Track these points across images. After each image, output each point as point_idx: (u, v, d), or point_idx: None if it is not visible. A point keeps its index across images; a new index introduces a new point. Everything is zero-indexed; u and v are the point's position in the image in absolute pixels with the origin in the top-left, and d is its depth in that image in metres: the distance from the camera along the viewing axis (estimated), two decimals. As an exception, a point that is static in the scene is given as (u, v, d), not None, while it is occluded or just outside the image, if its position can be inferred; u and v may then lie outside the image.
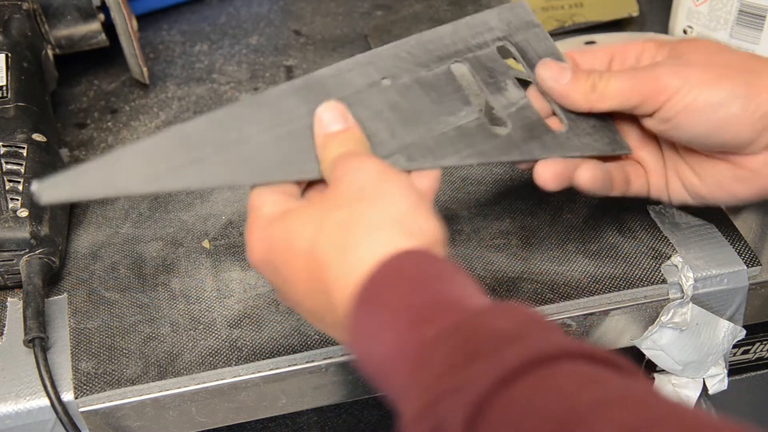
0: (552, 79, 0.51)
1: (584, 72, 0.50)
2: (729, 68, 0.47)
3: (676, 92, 0.47)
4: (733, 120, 0.47)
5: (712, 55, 0.48)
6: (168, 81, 0.80)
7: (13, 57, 0.65)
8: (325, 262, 0.40)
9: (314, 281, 0.41)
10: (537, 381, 0.32)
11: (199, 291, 0.57)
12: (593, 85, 0.50)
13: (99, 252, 0.61)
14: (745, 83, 0.46)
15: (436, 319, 0.37)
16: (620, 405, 0.30)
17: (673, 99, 0.47)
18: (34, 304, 0.53)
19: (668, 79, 0.47)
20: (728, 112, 0.47)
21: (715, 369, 0.59)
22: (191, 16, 0.90)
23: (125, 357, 0.53)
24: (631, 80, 0.48)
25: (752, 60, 0.49)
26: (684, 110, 0.47)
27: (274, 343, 0.54)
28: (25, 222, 0.55)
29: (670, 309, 0.56)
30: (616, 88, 0.49)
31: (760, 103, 0.46)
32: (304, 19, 0.89)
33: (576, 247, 0.59)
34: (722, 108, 0.47)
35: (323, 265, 0.40)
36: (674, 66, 0.48)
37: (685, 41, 0.51)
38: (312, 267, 0.41)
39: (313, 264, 0.41)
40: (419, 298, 0.38)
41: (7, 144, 0.59)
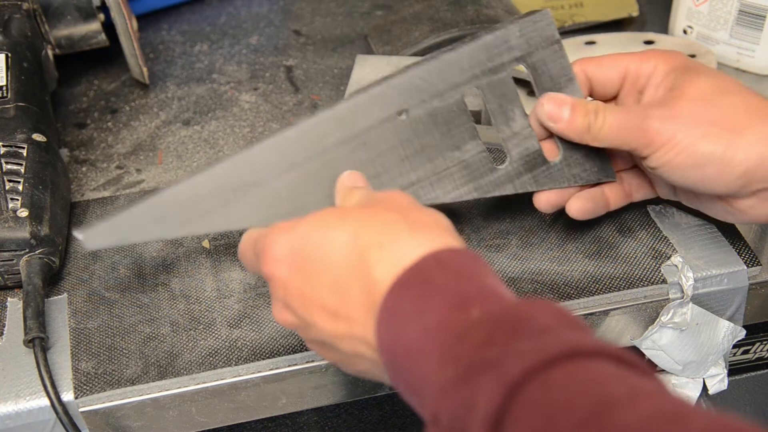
0: (550, 119, 0.53)
1: (582, 110, 0.52)
2: (715, 126, 0.49)
3: (660, 147, 0.50)
4: (710, 179, 0.50)
5: (706, 104, 0.49)
6: (168, 81, 0.80)
7: (13, 57, 0.65)
8: (370, 247, 0.41)
9: (349, 268, 0.42)
10: (575, 369, 0.33)
11: (199, 291, 0.57)
12: (588, 126, 0.52)
13: (99, 252, 0.61)
14: (725, 145, 0.48)
15: (482, 304, 0.38)
16: (653, 396, 0.31)
17: (659, 152, 0.50)
18: (34, 304, 0.53)
19: (654, 135, 0.49)
20: (705, 173, 0.49)
21: (715, 369, 0.59)
22: (191, 16, 0.90)
23: (125, 357, 0.53)
24: (621, 129, 0.51)
25: (743, 113, 0.49)
26: (668, 164, 0.50)
27: (274, 343, 0.54)
28: (25, 222, 0.55)
29: (670, 309, 0.56)
30: (608, 133, 0.51)
31: (735, 166, 0.49)
32: (304, 19, 0.89)
33: (576, 247, 0.59)
34: (700, 169, 0.49)
35: (366, 249, 0.41)
36: (663, 119, 0.50)
37: (692, 70, 0.51)
38: (350, 253, 0.42)
39: (353, 251, 0.42)
40: (465, 286, 0.39)
41: (7, 144, 0.59)
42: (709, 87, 0.50)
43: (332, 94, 0.77)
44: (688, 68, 0.52)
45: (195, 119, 0.74)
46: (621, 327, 0.57)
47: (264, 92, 0.78)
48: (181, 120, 0.74)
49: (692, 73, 0.51)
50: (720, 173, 0.49)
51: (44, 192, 0.58)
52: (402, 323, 0.39)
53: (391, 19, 0.83)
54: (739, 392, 0.69)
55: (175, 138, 0.72)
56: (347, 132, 0.52)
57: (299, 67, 0.81)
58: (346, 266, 0.42)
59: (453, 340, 0.37)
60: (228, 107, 0.76)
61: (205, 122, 0.74)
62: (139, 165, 0.69)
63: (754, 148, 0.48)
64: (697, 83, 0.50)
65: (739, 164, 0.48)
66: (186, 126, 0.74)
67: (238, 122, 0.74)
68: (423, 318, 0.38)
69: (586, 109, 0.52)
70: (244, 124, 0.74)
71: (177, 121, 0.74)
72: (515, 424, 0.32)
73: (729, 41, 0.76)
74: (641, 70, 0.53)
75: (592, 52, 0.78)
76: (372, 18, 0.88)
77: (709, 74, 0.51)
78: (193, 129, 0.73)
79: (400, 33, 0.80)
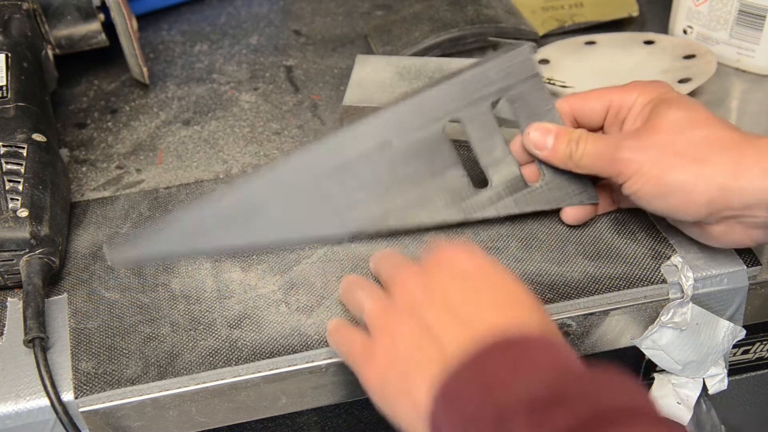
0: (536, 146, 0.57)
1: (565, 139, 0.56)
2: (680, 157, 0.51)
3: (630, 177, 0.52)
4: (676, 207, 0.52)
5: (675, 136, 0.52)
6: (168, 81, 0.80)
7: (13, 57, 0.65)
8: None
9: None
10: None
11: (199, 291, 0.57)
12: (570, 154, 0.56)
13: (99, 252, 0.61)
14: (688, 176, 0.51)
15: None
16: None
17: (629, 181, 0.53)
18: (34, 304, 0.53)
19: (625, 165, 0.52)
20: (670, 202, 0.52)
21: (715, 369, 0.59)
22: (191, 16, 0.90)
23: (125, 357, 0.53)
24: (597, 158, 0.54)
25: (707, 145, 0.51)
26: (637, 192, 0.53)
27: (274, 343, 0.54)
28: (25, 222, 0.55)
29: (670, 309, 0.56)
30: (587, 162, 0.55)
31: (697, 196, 0.51)
32: (304, 19, 0.89)
33: (576, 248, 0.59)
34: (665, 198, 0.52)
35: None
36: (633, 150, 0.52)
37: (666, 103, 0.53)
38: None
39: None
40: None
41: (7, 144, 0.59)
42: (679, 120, 0.52)
43: (332, 94, 0.77)
44: (664, 100, 0.54)
45: (195, 119, 0.74)
46: (621, 327, 0.57)
47: (264, 92, 0.78)
48: (181, 120, 0.74)
49: (666, 105, 0.53)
50: (684, 202, 0.51)
51: (44, 192, 0.58)
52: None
53: (391, 19, 0.83)
54: (739, 392, 0.69)
55: (175, 138, 0.72)
56: (335, 161, 0.57)
57: (299, 67, 0.81)
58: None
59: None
60: (228, 107, 0.76)
61: (205, 122, 0.74)
62: (139, 165, 0.69)
63: (716, 179, 0.50)
64: (669, 116, 0.52)
65: (702, 194, 0.51)
66: (186, 126, 0.74)
67: (238, 122, 0.74)
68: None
69: (569, 138, 0.56)
70: (244, 124, 0.74)
71: (177, 121, 0.74)
72: None
73: (729, 41, 0.76)
74: (623, 102, 0.56)
75: (592, 52, 0.78)
76: (372, 18, 0.88)
77: (682, 106, 0.53)
78: (193, 129, 0.73)
79: (400, 33, 0.80)
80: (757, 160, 0.49)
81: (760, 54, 0.75)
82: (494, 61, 0.59)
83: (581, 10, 0.84)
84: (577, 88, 0.72)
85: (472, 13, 0.79)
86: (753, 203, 0.50)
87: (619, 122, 0.57)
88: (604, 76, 0.74)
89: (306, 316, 0.55)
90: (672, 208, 0.52)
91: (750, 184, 0.49)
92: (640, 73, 0.73)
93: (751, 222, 0.52)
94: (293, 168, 0.57)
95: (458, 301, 0.45)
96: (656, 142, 0.51)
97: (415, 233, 0.60)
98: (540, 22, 0.83)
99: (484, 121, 0.59)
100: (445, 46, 0.77)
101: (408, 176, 0.58)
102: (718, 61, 0.76)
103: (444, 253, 0.48)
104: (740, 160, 0.50)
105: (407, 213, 0.58)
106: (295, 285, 0.57)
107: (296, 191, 0.57)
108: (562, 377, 0.39)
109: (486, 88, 0.58)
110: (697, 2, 0.77)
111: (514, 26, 0.78)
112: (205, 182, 0.67)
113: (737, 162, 0.50)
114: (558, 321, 0.55)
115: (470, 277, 0.46)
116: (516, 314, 0.44)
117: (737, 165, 0.50)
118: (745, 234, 0.53)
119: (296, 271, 0.58)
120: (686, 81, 0.70)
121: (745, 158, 0.50)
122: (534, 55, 0.59)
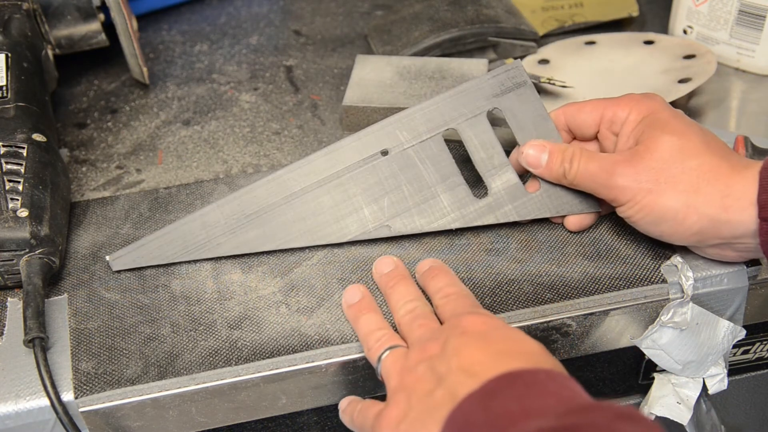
0: (530, 164, 0.58)
1: (558, 158, 0.57)
2: (672, 188, 0.52)
3: (624, 203, 0.54)
4: (668, 234, 0.54)
5: (667, 166, 0.53)
6: (168, 81, 0.80)
7: (13, 57, 0.65)
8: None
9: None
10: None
11: (199, 293, 0.57)
12: (564, 173, 0.57)
13: (99, 252, 0.61)
14: (680, 207, 0.52)
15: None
16: None
17: (623, 207, 0.54)
18: (34, 304, 0.53)
19: (619, 192, 0.54)
20: (662, 229, 0.53)
21: (715, 369, 0.59)
22: (191, 16, 0.90)
23: (125, 357, 0.53)
24: (591, 180, 0.55)
25: (698, 177, 0.52)
26: (631, 218, 0.55)
27: (274, 343, 0.54)
28: (25, 222, 0.55)
29: (670, 308, 0.56)
30: (581, 181, 0.56)
31: (688, 226, 0.52)
32: (304, 19, 0.89)
33: (575, 248, 0.59)
34: (658, 225, 0.53)
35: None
36: (627, 177, 0.53)
37: (659, 126, 0.54)
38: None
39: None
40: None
41: (7, 144, 0.59)
42: (673, 148, 0.53)
43: (332, 94, 0.77)
44: (657, 120, 0.54)
45: (195, 119, 0.74)
46: (621, 327, 0.57)
47: (264, 92, 0.78)
48: (181, 120, 0.74)
49: (659, 129, 0.54)
50: (676, 230, 0.53)
51: (44, 192, 0.58)
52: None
53: (391, 19, 0.83)
54: (739, 392, 0.69)
55: (175, 138, 0.72)
56: (336, 168, 0.59)
57: (299, 67, 0.81)
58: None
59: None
60: (228, 107, 0.76)
61: (205, 122, 0.74)
62: (139, 165, 0.69)
63: (707, 211, 0.52)
64: (662, 143, 0.53)
65: (692, 225, 0.52)
66: (186, 126, 0.74)
67: (238, 122, 0.74)
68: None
69: (562, 157, 0.57)
70: (244, 124, 0.74)
71: (177, 121, 0.74)
72: None
73: (729, 41, 0.76)
74: (615, 117, 0.57)
75: (592, 52, 0.78)
76: (372, 18, 0.88)
77: (675, 132, 0.53)
78: (193, 129, 0.73)
79: (400, 33, 0.80)
80: (745, 191, 0.51)
81: (760, 54, 0.75)
82: (489, 73, 0.61)
83: (581, 10, 0.84)
84: (577, 88, 0.72)
85: (472, 13, 0.79)
86: (741, 234, 0.52)
87: (612, 135, 0.57)
88: (604, 76, 0.74)
89: (306, 317, 0.55)
90: (664, 234, 0.54)
91: (738, 216, 0.51)
92: (640, 73, 0.73)
93: (741, 247, 0.53)
94: (292, 174, 0.59)
95: (470, 354, 0.46)
96: (649, 169, 0.53)
97: (415, 236, 0.60)
98: (540, 22, 0.83)
99: (482, 130, 0.60)
100: (445, 46, 0.77)
101: (405, 184, 0.59)
102: (718, 61, 0.76)
103: (462, 321, 0.49)
104: (729, 192, 0.51)
105: (407, 220, 0.59)
106: (296, 287, 0.57)
107: (295, 196, 0.59)
108: (571, 409, 0.40)
109: (482, 99, 0.60)
110: (697, 2, 0.77)
111: (514, 26, 0.78)
112: (205, 182, 0.67)
113: (726, 194, 0.51)
114: (558, 321, 0.55)
115: (483, 333, 0.47)
116: (526, 361, 0.44)
117: (726, 197, 0.51)
118: (737, 255, 0.55)
119: (296, 273, 0.58)
120: (686, 81, 0.70)
121: (734, 190, 0.51)
122: (532, 60, 0.61)
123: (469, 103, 0.60)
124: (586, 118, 0.58)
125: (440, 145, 0.60)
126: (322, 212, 0.59)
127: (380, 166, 0.60)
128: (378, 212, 0.59)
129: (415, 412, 0.45)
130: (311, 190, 0.59)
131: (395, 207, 0.59)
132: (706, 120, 0.72)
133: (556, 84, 0.71)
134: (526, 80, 0.60)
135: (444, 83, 0.71)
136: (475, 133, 0.60)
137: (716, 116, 0.72)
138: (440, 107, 0.60)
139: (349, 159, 0.60)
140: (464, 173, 0.60)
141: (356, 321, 0.54)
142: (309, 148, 0.70)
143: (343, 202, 0.59)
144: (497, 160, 0.60)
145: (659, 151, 0.53)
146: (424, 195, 0.59)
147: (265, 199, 0.59)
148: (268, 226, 0.59)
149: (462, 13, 0.79)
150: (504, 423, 0.40)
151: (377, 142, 0.60)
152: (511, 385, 0.42)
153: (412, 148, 0.60)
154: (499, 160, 0.60)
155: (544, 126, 0.60)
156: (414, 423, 0.45)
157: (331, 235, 0.59)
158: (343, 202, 0.59)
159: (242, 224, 0.59)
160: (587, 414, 0.39)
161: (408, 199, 0.59)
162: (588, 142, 0.60)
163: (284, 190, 0.59)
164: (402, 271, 0.56)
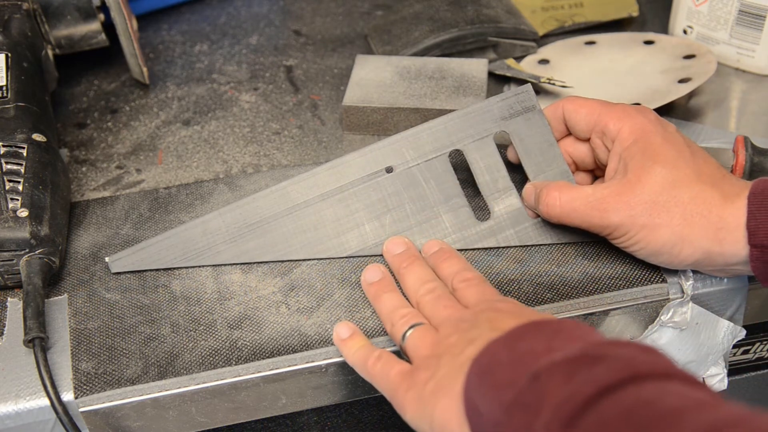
0: (529, 206, 0.59)
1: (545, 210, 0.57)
2: (668, 222, 0.52)
3: (619, 237, 0.55)
4: (665, 264, 0.55)
5: (659, 198, 0.53)
6: (168, 81, 0.80)
7: (13, 57, 0.65)
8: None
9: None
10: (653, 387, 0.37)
11: (199, 293, 0.57)
12: (559, 218, 0.56)
13: (99, 252, 0.61)
14: (675, 241, 0.53)
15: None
16: (717, 407, 0.35)
17: (618, 240, 0.55)
18: (34, 304, 0.53)
19: (613, 229, 0.54)
20: (659, 260, 0.55)
21: (715, 369, 0.59)
22: (191, 16, 0.90)
23: (125, 357, 0.53)
24: (585, 221, 0.55)
25: (691, 209, 0.52)
26: (627, 249, 0.55)
27: (274, 343, 0.54)
28: (25, 222, 0.55)
29: (670, 308, 0.56)
30: (576, 222, 0.56)
31: (683, 259, 0.53)
32: (304, 19, 0.89)
33: (575, 248, 0.59)
34: (654, 257, 0.54)
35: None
36: (620, 213, 0.53)
37: (650, 154, 0.54)
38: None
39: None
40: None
41: (7, 144, 0.59)
42: (664, 180, 0.53)
43: (332, 94, 0.77)
44: (648, 149, 0.54)
45: (195, 119, 0.74)
46: (621, 327, 0.57)
47: (264, 92, 0.78)
48: (181, 120, 0.75)
49: (650, 159, 0.54)
50: (672, 262, 0.54)
51: (44, 192, 0.58)
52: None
53: (391, 19, 0.83)
54: (739, 392, 0.69)
55: (175, 138, 0.72)
56: (339, 183, 0.59)
57: (299, 67, 0.81)
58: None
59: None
60: (228, 107, 0.76)
61: (205, 122, 0.74)
62: (139, 165, 0.69)
63: (701, 244, 0.52)
64: (654, 175, 0.53)
65: (687, 257, 0.53)
66: (186, 126, 0.74)
67: (238, 122, 0.74)
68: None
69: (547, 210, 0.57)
70: (244, 124, 0.74)
71: (177, 121, 0.74)
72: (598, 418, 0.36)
73: (729, 41, 0.76)
74: (607, 129, 0.56)
75: (592, 52, 0.78)
76: (372, 18, 0.88)
77: (666, 162, 0.53)
78: (193, 129, 0.73)
79: (400, 33, 0.80)
80: (738, 223, 0.51)
81: (760, 54, 0.75)
82: (498, 96, 0.60)
83: (581, 10, 0.84)
84: (577, 88, 0.72)
85: (472, 13, 0.79)
86: (735, 263, 0.53)
87: (602, 148, 0.57)
88: (604, 76, 0.74)
89: (306, 316, 0.55)
90: (661, 263, 0.55)
91: (731, 248, 0.52)
92: (640, 73, 0.73)
93: (736, 272, 0.54)
94: (297, 187, 0.59)
95: (503, 320, 0.47)
96: (642, 203, 0.53)
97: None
98: (540, 22, 0.83)
99: (488, 153, 0.60)
100: (445, 46, 0.78)
101: (409, 202, 0.60)
102: (718, 61, 0.76)
103: (495, 305, 0.50)
104: (723, 224, 0.52)
105: (407, 238, 0.59)
106: (296, 287, 0.57)
107: (298, 209, 0.59)
108: (597, 344, 0.41)
109: (489, 121, 0.60)
110: (697, 2, 0.77)
111: (514, 26, 0.78)
112: (205, 182, 0.67)
113: (720, 227, 0.52)
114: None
115: (517, 311, 0.49)
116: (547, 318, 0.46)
117: (720, 230, 0.52)
118: (732, 275, 0.56)
119: (296, 274, 0.58)
120: (686, 81, 0.70)
121: (727, 222, 0.52)
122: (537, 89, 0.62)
123: (477, 124, 0.60)
124: (581, 121, 0.58)
125: (445, 165, 0.60)
126: (323, 226, 0.59)
127: (384, 183, 0.60)
128: (379, 229, 0.59)
129: (444, 369, 0.46)
130: (314, 204, 0.59)
131: (397, 225, 0.59)
132: (706, 120, 0.72)
133: (556, 84, 0.71)
134: (534, 105, 0.60)
135: (444, 83, 0.71)
136: (480, 156, 0.60)
137: (716, 116, 0.72)
138: (447, 127, 0.60)
139: (353, 174, 0.60)
140: (468, 194, 0.60)
141: (377, 299, 0.54)
142: (309, 148, 0.70)
143: (344, 217, 0.59)
144: (501, 183, 0.60)
145: (650, 184, 0.53)
146: (426, 214, 0.59)
147: (267, 210, 0.59)
148: (269, 237, 0.59)
149: (462, 13, 0.79)
150: (529, 360, 0.41)
151: (382, 159, 0.60)
152: (537, 330, 0.44)
153: (417, 167, 0.60)
154: (503, 183, 0.60)
155: (550, 152, 0.60)
156: (442, 379, 0.46)
157: (331, 250, 0.59)
158: (345, 217, 0.59)
159: (243, 233, 0.59)
160: (612, 346, 0.40)
161: (410, 217, 0.59)
162: (582, 142, 0.60)
163: (287, 201, 0.59)
164: (414, 251, 0.57)
